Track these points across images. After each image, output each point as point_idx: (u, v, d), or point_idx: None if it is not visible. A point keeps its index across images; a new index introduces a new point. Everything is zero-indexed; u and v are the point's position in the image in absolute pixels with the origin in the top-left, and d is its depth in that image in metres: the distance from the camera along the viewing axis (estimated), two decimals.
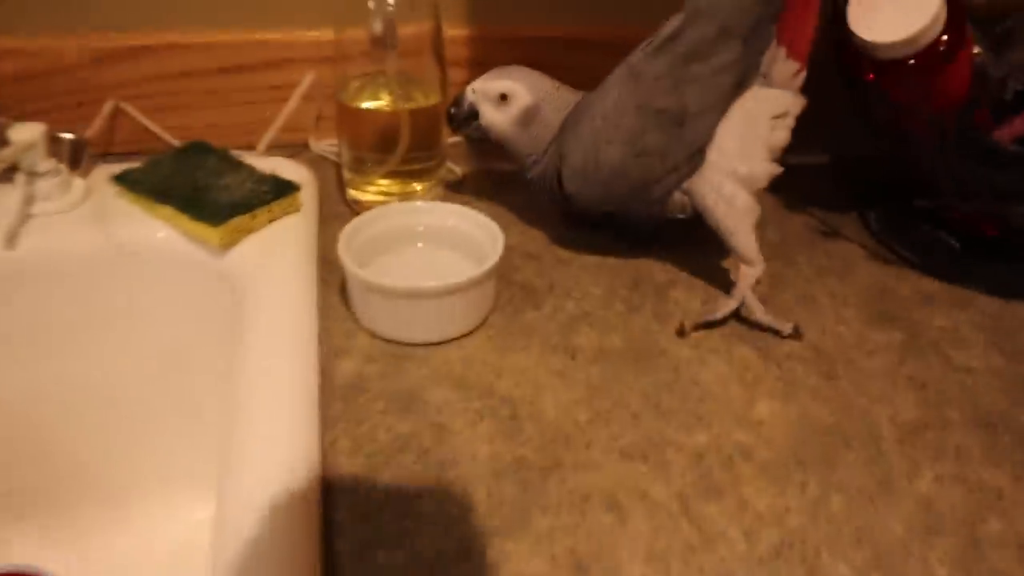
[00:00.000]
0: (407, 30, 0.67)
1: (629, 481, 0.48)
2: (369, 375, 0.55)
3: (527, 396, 0.54)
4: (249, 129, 0.81)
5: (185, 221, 0.64)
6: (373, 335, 0.58)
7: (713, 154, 0.61)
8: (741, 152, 0.61)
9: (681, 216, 0.64)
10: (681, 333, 0.60)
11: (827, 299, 0.64)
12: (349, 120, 0.69)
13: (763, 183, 0.62)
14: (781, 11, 0.60)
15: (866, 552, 0.45)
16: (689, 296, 0.64)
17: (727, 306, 0.61)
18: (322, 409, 0.52)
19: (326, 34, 0.78)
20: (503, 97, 0.64)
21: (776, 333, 0.60)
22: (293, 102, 0.77)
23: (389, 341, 0.58)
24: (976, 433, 0.53)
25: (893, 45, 0.59)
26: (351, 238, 0.60)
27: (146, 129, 0.79)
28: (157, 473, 0.75)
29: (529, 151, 0.66)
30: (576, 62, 0.82)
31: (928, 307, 0.64)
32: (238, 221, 0.64)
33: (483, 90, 0.65)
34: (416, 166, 0.70)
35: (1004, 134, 0.58)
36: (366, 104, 0.69)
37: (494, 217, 0.62)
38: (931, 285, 0.66)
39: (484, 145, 0.83)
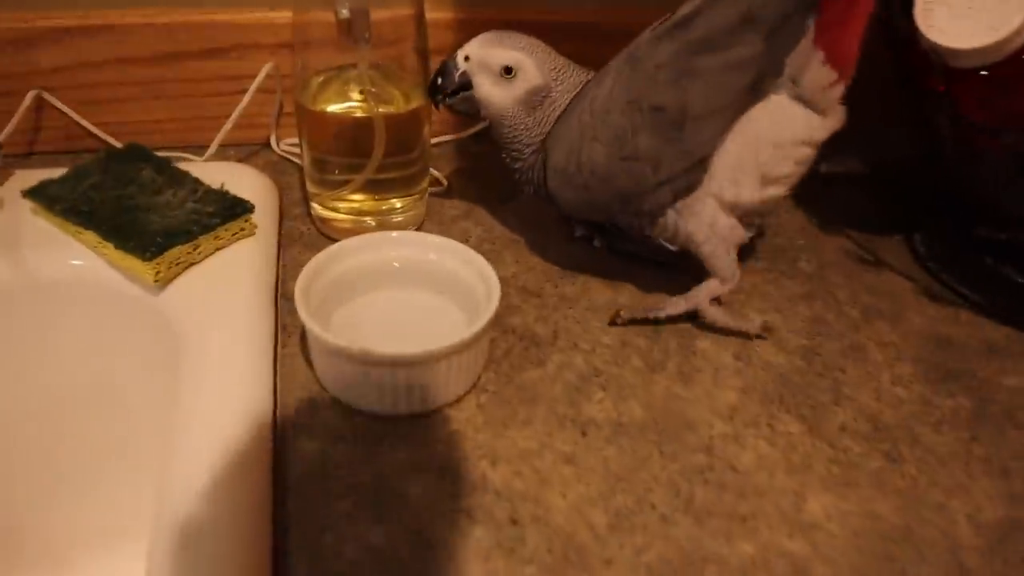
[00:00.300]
0: (382, 15, 0.55)
1: None
2: (334, 459, 0.45)
3: (530, 491, 0.44)
4: (195, 126, 0.69)
5: (111, 251, 0.53)
6: (340, 402, 0.48)
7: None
8: (732, 175, 0.51)
9: (669, 246, 0.54)
10: (614, 323, 0.55)
11: (878, 351, 0.55)
12: (311, 124, 0.58)
13: (753, 209, 0.53)
14: (822, 1, 0.49)
15: None
16: (718, 348, 0.54)
17: (675, 307, 0.54)
18: (275, 505, 0.42)
19: (286, 15, 0.66)
20: (507, 71, 0.53)
21: (745, 336, 0.54)
22: (248, 96, 0.65)
23: (361, 413, 0.47)
24: None
25: (973, 52, 0.48)
26: (311, 283, 0.49)
27: (74, 125, 0.67)
28: (94, 529, 0.65)
29: (529, 141, 0.55)
30: (584, 53, 0.71)
31: (995, 361, 0.54)
32: (176, 252, 0.52)
33: (481, 58, 0.53)
34: (394, 174, 0.59)
35: None
36: (332, 107, 0.58)
37: (488, 237, 0.51)
38: (995, 332, 0.57)
39: (473, 146, 0.72)
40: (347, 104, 0.58)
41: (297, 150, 0.70)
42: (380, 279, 0.52)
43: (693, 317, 0.55)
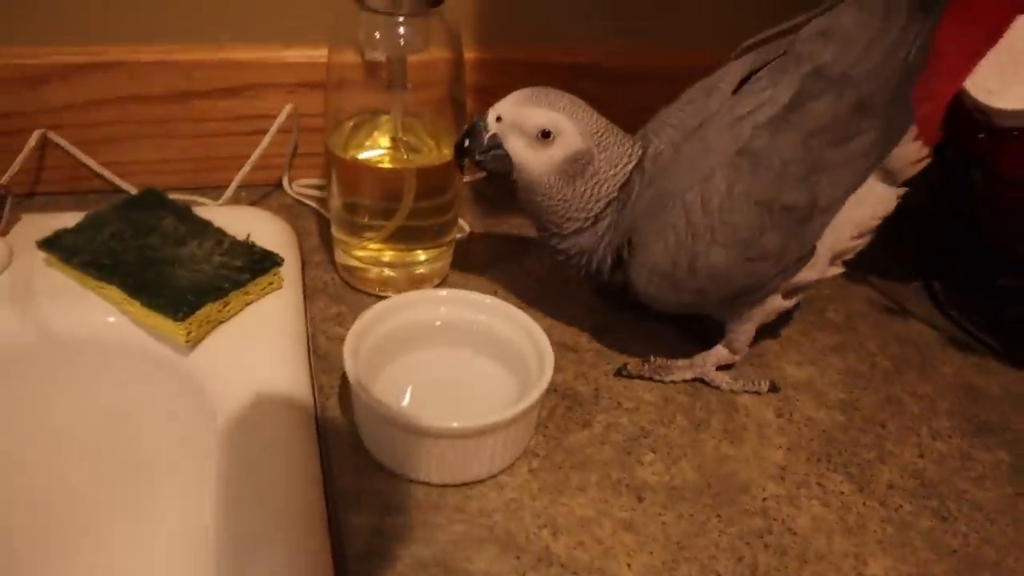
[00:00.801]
0: (416, 59, 0.53)
1: None
2: (390, 534, 0.43)
3: (595, 562, 0.43)
4: (206, 167, 0.67)
5: (137, 308, 0.50)
6: (388, 471, 0.46)
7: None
8: (823, 256, 0.51)
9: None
10: (619, 374, 0.54)
11: (914, 403, 0.55)
12: (341, 170, 0.56)
13: (810, 285, 0.53)
14: (921, 74, 0.47)
15: None
16: (759, 403, 0.54)
17: (682, 373, 0.54)
18: None
19: (304, 54, 0.64)
20: (545, 134, 0.48)
21: (756, 393, 0.54)
22: (268, 138, 0.63)
23: (410, 480, 0.46)
24: None
25: (1019, 113, 0.49)
26: (357, 346, 0.47)
27: (80, 165, 0.64)
28: None
29: (570, 214, 0.50)
30: (614, 95, 0.70)
31: None
32: (207, 311, 0.50)
33: (515, 119, 0.48)
34: (423, 223, 0.57)
35: None
36: (362, 155, 0.56)
37: (516, 288, 0.50)
38: (1021, 382, 0.58)
39: (489, 188, 0.71)
40: (378, 152, 0.56)
41: (313, 192, 0.69)
42: (423, 338, 0.51)
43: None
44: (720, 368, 0.55)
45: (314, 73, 0.64)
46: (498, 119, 0.49)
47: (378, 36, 0.52)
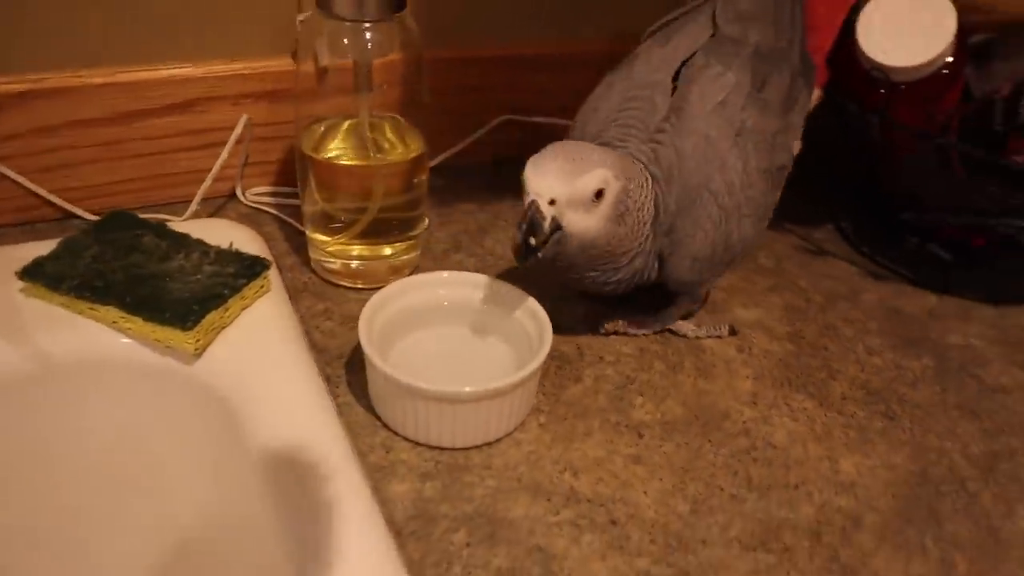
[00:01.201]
0: (380, 62, 0.57)
1: None
2: (431, 497, 0.47)
3: (616, 493, 0.48)
4: (159, 184, 0.68)
5: (140, 325, 0.51)
6: (413, 443, 0.50)
7: None
8: None
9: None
10: (600, 331, 0.59)
11: (848, 327, 0.63)
12: (318, 172, 0.59)
13: None
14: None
15: None
16: (721, 343, 0.60)
17: (653, 326, 0.60)
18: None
19: (248, 66, 0.66)
20: (599, 195, 0.48)
21: (718, 337, 0.60)
22: (227, 150, 0.64)
23: (434, 448, 0.50)
24: None
25: (912, 69, 0.58)
26: (370, 328, 0.51)
27: (30, 194, 0.63)
28: None
29: (624, 248, 0.51)
30: (540, 84, 0.76)
31: (939, 324, 0.64)
32: (212, 318, 0.52)
33: (570, 197, 0.47)
34: (392, 218, 0.60)
35: (1021, 156, 0.59)
36: (332, 156, 0.59)
37: (483, 266, 0.55)
38: (931, 300, 0.67)
39: (440, 179, 0.74)
40: (348, 152, 0.59)
41: (268, 199, 0.70)
42: (428, 318, 0.54)
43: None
44: (682, 319, 0.61)
45: (260, 84, 0.66)
46: (552, 202, 0.47)
47: (346, 42, 0.54)
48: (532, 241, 0.47)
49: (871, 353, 0.61)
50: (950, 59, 0.59)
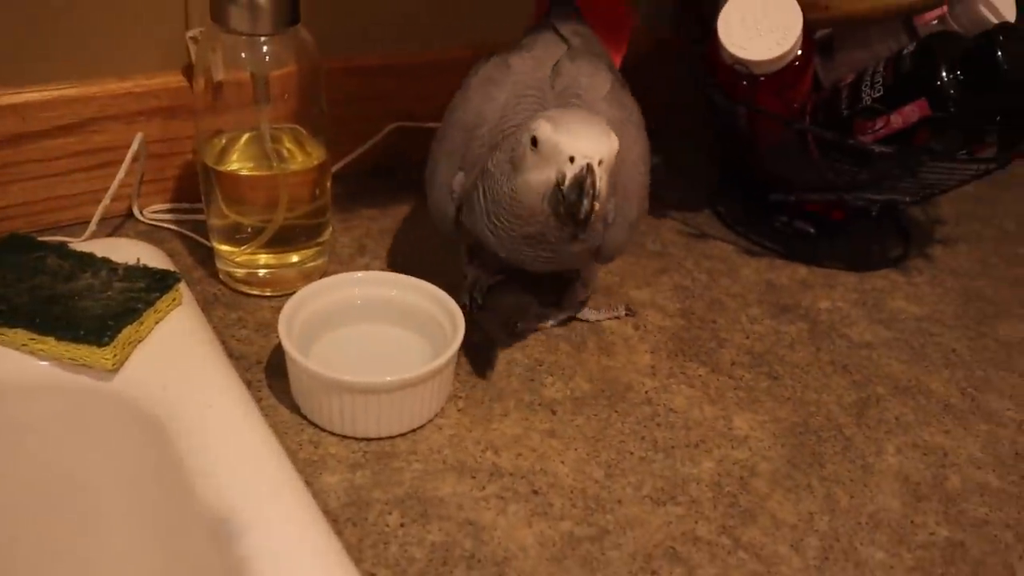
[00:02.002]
0: (277, 73, 0.58)
1: (675, 528, 0.49)
2: (362, 485, 0.49)
3: (535, 466, 0.52)
4: (51, 208, 0.67)
5: (53, 345, 0.51)
6: (340, 436, 0.52)
7: None
8: None
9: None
10: (511, 333, 0.62)
11: (731, 300, 0.69)
12: (223, 184, 0.60)
13: None
14: None
15: (885, 532, 0.50)
16: (619, 324, 0.65)
17: (557, 316, 0.64)
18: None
19: (139, 84, 0.66)
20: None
21: (617, 318, 0.65)
22: (124, 168, 0.64)
23: (361, 439, 0.52)
24: (901, 400, 0.61)
25: (769, 62, 0.64)
26: (289, 328, 0.52)
27: None
28: None
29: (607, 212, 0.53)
30: (425, 91, 0.78)
31: (809, 292, 0.71)
32: (127, 333, 0.52)
33: (609, 154, 0.46)
34: (298, 225, 0.62)
35: (867, 136, 0.66)
36: (235, 167, 0.60)
37: (386, 268, 0.57)
38: (801, 271, 0.74)
39: (337, 186, 0.76)
40: (251, 163, 0.60)
41: (166, 216, 0.70)
42: (344, 317, 0.56)
43: None
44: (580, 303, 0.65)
45: (152, 101, 0.67)
46: (600, 162, 0.45)
47: (243, 56, 0.56)
48: (588, 207, 0.45)
49: (752, 322, 0.67)
50: (800, 52, 0.66)
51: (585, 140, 0.45)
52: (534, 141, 0.46)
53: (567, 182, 0.45)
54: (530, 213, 0.48)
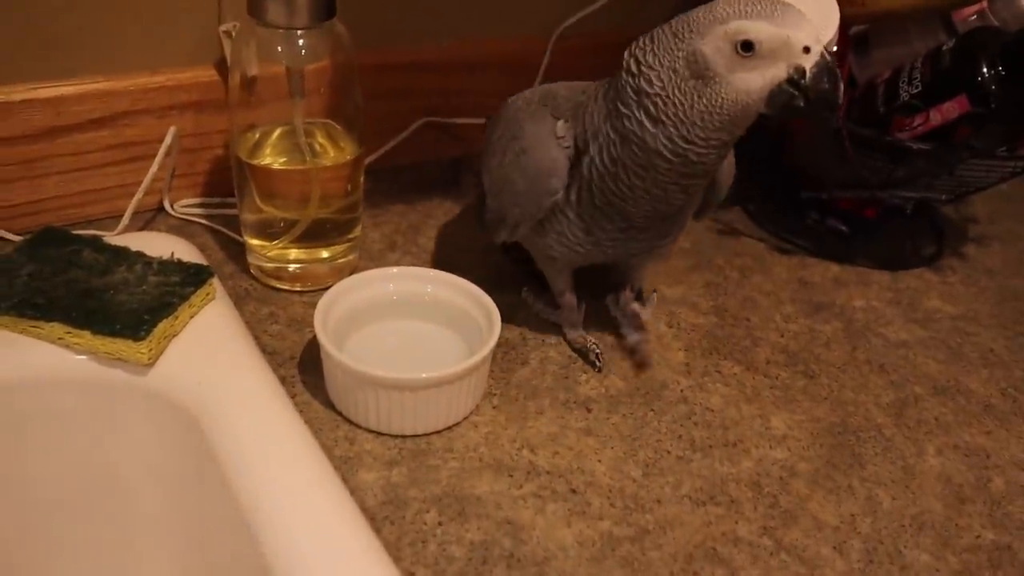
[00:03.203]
0: (312, 67, 0.58)
1: (716, 529, 0.48)
2: (399, 483, 0.49)
3: (572, 464, 0.51)
4: (84, 201, 0.67)
5: (89, 339, 0.51)
6: (375, 433, 0.52)
7: None
8: None
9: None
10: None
11: (764, 299, 0.68)
12: (257, 178, 0.59)
13: None
14: None
15: (929, 535, 0.49)
16: (653, 320, 0.64)
17: (637, 336, 0.60)
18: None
19: (171, 78, 0.66)
20: None
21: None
22: (157, 162, 0.64)
23: (396, 436, 0.51)
24: (940, 400, 0.60)
25: None
26: (324, 323, 0.52)
27: None
28: None
29: None
30: (455, 86, 0.78)
31: (843, 290, 0.70)
32: (163, 327, 0.52)
33: (835, 32, 0.49)
34: (330, 222, 0.61)
35: (904, 134, 0.65)
36: (269, 161, 0.60)
37: (418, 264, 0.57)
38: (833, 269, 0.73)
39: (368, 182, 0.75)
40: (284, 157, 0.60)
41: (197, 210, 0.70)
42: (378, 313, 0.56)
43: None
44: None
45: (185, 95, 0.66)
46: (836, 47, 0.48)
47: (280, 49, 0.56)
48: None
49: (787, 320, 0.66)
50: (835, 48, 0.65)
51: (813, 27, 0.45)
52: (746, 45, 0.45)
53: (810, 74, 0.45)
54: (736, 122, 0.47)
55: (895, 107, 0.66)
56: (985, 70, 0.62)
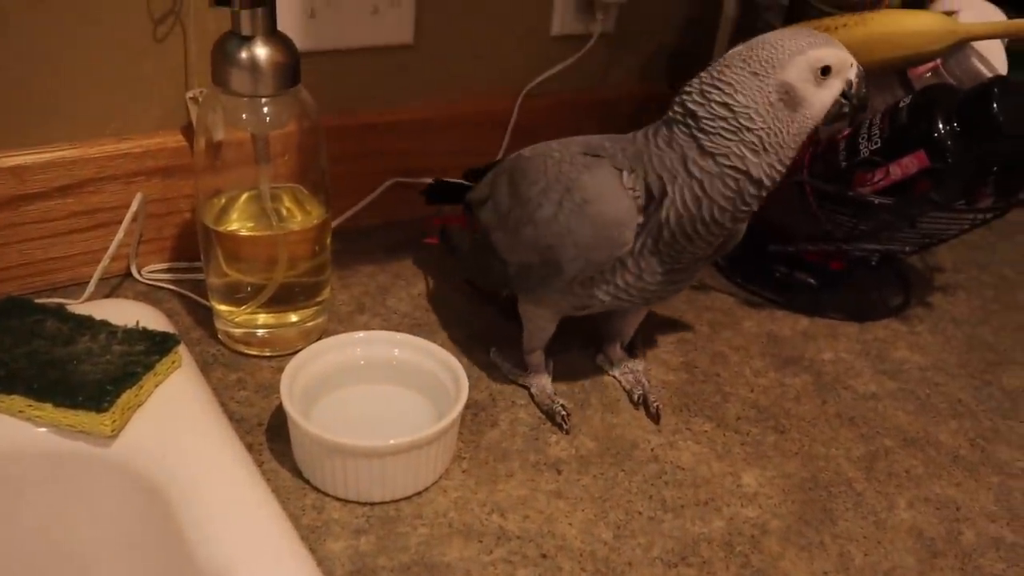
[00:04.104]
0: (277, 133, 0.58)
1: None
2: (367, 551, 0.48)
3: (543, 528, 0.50)
4: (48, 269, 0.66)
5: (51, 411, 0.50)
6: (343, 501, 0.51)
7: None
8: None
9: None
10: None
11: (733, 353, 0.69)
12: (223, 244, 0.59)
13: None
14: None
15: None
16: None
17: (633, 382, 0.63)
18: None
19: (137, 144, 0.66)
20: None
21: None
22: (123, 228, 0.64)
23: (364, 503, 0.51)
24: (910, 452, 0.60)
25: None
26: (291, 390, 0.51)
27: None
28: None
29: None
30: (422, 147, 0.79)
31: (812, 343, 0.71)
32: (126, 398, 0.51)
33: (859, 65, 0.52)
34: (298, 286, 0.61)
35: (866, 188, 0.67)
36: (235, 227, 0.60)
37: (387, 326, 0.57)
38: (802, 321, 0.74)
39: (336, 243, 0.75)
40: (250, 222, 0.60)
41: (164, 276, 0.70)
42: (344, 378, 0.56)
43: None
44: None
45: (151, 161, 0.67)
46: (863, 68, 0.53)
47: (244, 117, 0.56)
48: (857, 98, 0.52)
49: (757, 375, 0.66)
50: None
51: (825, 54, 0.51)
52: (826, 70, 0.50)
53: (855, 82, 0.52)
54: (803, 139, 0.52)
55: (856, 162, 0.68)
56: (941, 126, 0.64)
